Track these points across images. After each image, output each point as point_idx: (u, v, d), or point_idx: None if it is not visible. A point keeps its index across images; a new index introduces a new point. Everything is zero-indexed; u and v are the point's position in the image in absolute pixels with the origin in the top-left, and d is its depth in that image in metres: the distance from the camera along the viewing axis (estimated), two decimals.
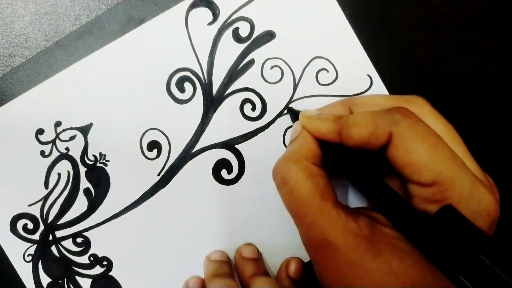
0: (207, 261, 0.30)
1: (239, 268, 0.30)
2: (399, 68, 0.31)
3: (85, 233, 0.31)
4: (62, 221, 0.31)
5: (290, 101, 0.31)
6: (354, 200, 0.30)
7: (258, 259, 0.30)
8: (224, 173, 0.31)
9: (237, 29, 0.31)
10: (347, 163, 0.24)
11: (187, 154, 0.31)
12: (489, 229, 0.21)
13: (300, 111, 0.27)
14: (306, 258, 0.31)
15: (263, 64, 0.31)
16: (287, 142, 0.31)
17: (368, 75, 0.31)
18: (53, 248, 0.31)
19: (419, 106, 0.23)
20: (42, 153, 0.31)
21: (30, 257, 0.31)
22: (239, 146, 0.31)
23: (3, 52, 0.31)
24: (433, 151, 0.20)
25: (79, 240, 0.31)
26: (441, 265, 0.19)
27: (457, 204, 0.20)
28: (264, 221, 0.31)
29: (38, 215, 0.31)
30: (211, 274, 0.29)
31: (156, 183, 0.31)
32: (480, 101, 0.32)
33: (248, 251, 0.30)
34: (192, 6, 0.31)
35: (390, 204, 0.22)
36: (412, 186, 0.21)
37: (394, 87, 0.31)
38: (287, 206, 0.23)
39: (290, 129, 0.28)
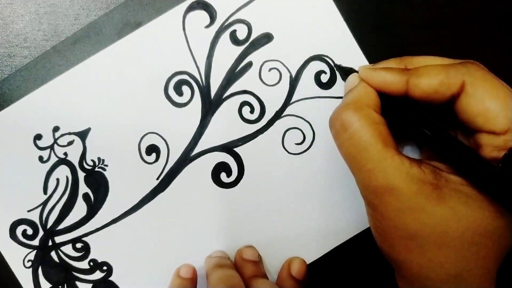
0: (208, 258, 0.30)
1: (239, 269, 0.30)
2: None
3: (84, 238, 0.31)
4: (61, 226, 0.31)
5: (288, 104, 0.31)
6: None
7: (258, 262, 0.30)
8: (223, 176, 0.31)
9: (234, 31, 0.31)
10: (410, 113, 0.23)
11: (186, 158, 0.31)
12: None
13: (350, 68, 0.28)
14: (306, 259, 0.31)
15: (261, 66, 0.31)
16: (286, 145, 0.31)
17: None
18: (53, 254, 0.31)
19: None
20: (41, 158, 0.31)
21: (30, 263, 0.31)
22: (238, 149, 0.31)
23: (2, 52, 0.31)
24: (507, 99, 0.21)
25: (78, 245, 0.31)
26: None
27: None
28: (263, 224, 0.31)
29: (37, 221, 0.31)
30: (214, 265, 0.29)
31: (155, 187, 0.31)
32: None
33: (249, 253, 0.30)
34: (189, 9, 0.30)
35: (457, 150, 0.21)
36: (483, 136, 0.22)
37: None
38: (345, 153, 0.23)
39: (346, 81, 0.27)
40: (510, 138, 0.20)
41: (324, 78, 0.31)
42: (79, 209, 0.31)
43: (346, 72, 0.28)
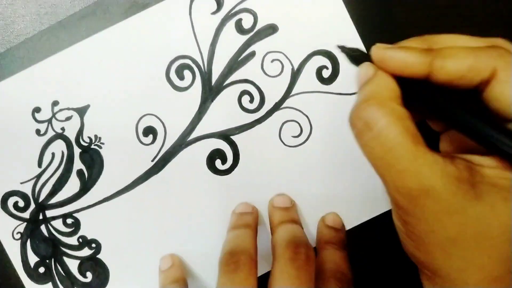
0: (231, 213, 0.31)
1: (269, 217, 0.30)
2: None
3: (75, 214, 0.31)
4: (53, 201, 0.31)
5: (288, 96, 0.31)
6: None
7: (289, 208, 0.30)
8: (218, 163, 0.31)
9: (240, 20, 0.31)
10: (437, 97, 0.21)
11: (182, 142, 0.31)
12: None
13: (357, 49, 0.24)
14: None
15: (264, 57, 0.31)
16: (283, 137, 0.31)
17: None
18: (43, 228, 0.31)
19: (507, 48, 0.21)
20: (38, 131, 0.31)
21: (19, 235, 0.31)
22: (234, 137, 0.31)
23: (4, 50, 0.31)
24: None
25: (69, 221, 0.31)
26: None
27: None
28: None
29: (29, 194, 0.31)
30: (229, 226, 0.29)
31: (149, 169, 0.31)
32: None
33: (278, 201, 0.30)
34: None
35: (493, 133, 0.19)
36: None
37: None
38: (371, 153, 0.21)
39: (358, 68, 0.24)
40: None
41: (326, 73, 0.31)
42: (72, 185, 0.31)
43: (353, 56, 0.24)
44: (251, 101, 0.31)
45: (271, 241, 0.27)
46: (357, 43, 0.30)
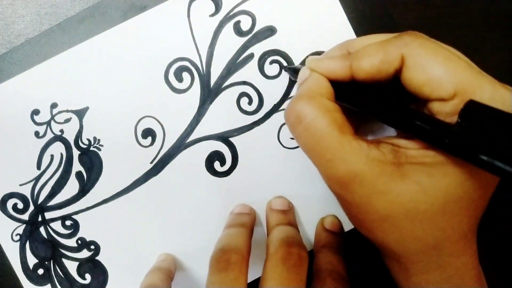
0: (229, 214, 0.31)
1: (266, 219, 0.30)
2: None
3: (74, 216, 0.31)
4: (52, 202, 0.31)
5: (286, 98, 0.31)
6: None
7: (286, 211, 0.30)
8: (217, 165, 0.31)
9: (238, 22, 0.31)
10: (361, 95, 0.23)
11: (181, 144, 0.31)
12: None
13: (299, 66, 0.27)
14: None
15: (262, 59, 0.31)
16: (281, 139, 0.31)
17: None
18: (42, 229, 0.31)
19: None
20: (37, 133, 0.31)
21: (18, 237, 0.31)
22: (233, 139, 0.31)
23: (3, 53, 0.31)
24: (448, 63, 0.20)
25: (68, 222, 0.31)
26: (479, 160, 0.18)
27: None
28: None
29: (28, 195, 0.31)
30: (225, 225, 0.29)
31: (148, 170, 0.31)
32: None
33: (276, 203, 0.30)
34: None
35: (413, 118, 0.21)
36: (433, 104, 0.21)
37: None
38: (303, 145, 0.23)
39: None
40: (459, 101, 0.20)
41: None
42: (71, 187, 0.31)
43: (295, 70, 0.27)
44: (250, 103, 0.31)
45: (265, 241, 0.27)
46: None
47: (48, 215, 0.31)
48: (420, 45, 0.21)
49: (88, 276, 0.31)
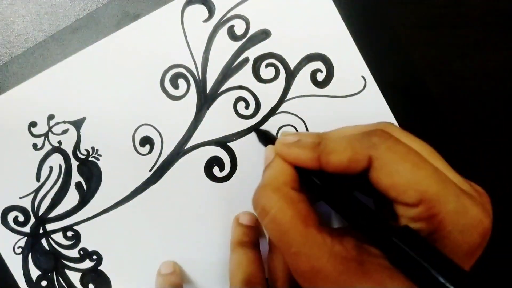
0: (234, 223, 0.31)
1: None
2: (394, 70, 0.31)
3: (75, 227, 0.31)
4: (53, 214, 0.31)
5: (283, 101, 0.31)
6: (338, 221, 0.30)
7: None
8: (216, 170, 0.31)
9: (232, 27, 0.31)
10: (321, 185, 0.24)
11: (180, 151, 0.31)
12: (479, 242, 0.21)
13: (270, 133, 0.28)
14: None
15: (257, 62, 0.31)
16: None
17: (362, 77, 0.31)
18: (43, 241, 0.31)
19: (390, 131, 0.23)
20: (35, 146, 0.31)
21: (20, 250, 0.31)
22: (231, 144, 0.31)
23: (3, 52, 0.31)
24: (416, 170, 0.20)
25: (69, 233, 0.31)
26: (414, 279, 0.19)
27: (444, 219, 0.20)
28: None
29: (29, 208, 0.31)
30: (234, 240, 0.30)
31: (147, 178, 0.31)
32: (479, 101, 0.32)
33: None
34: (188, 2, 0.31)
35: (363, 220, 0.21)
36: (398, 207, 0.21)
37: (388, 88, 0.31)
38: (270, 235, 0.23)
39: (265, 151, 0.27)
40: (424, 209, 0.20)
41: (320, 76, 0.31)
42: (71, 198, 0.31)
43: (264, 138, 0.29)
44: (247, 107, 0.31)
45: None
46: (350, 45, 0.30)
47: (49, 226, 0.31)
48: (388, 148, 0.21)
49: (91, 286, 0.31)
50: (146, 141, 0.31)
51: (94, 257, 0.31)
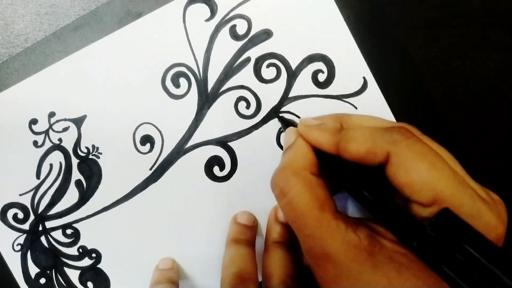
0: (232, 222, 0.31)
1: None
2: (395, 70, 0.31)
3: (75, 225, 0.31)
4: (52, 211, 0.31)
5: (284, 101, 0.31)
6: (354, 211, 0.30)
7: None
8: (216, 170, 0.31)
9: (234, 26, 0.31)
10: (343, 172, 0.24)
11: (180, 150, 0.31)
12: None
13: (291, 120, 0.28)
14: None
15: (259, 62, 0.31)
16: (280, 142, 0.31)
17: (363, 77, 0.31)
18: (43, 239, 0.31)
19: (413, 131, 0.23)
20: (35, 143, 0.31)
21: (19, 247, 0.31)
22: (232, 144, 0.31)
23: (3, 52, 0.31)
24: (433, 170, 0.20)
25: (68, 231, 0.31)
26: (441, 270, 0.19)
27: None
28: None
29: (28, 205, 0.31)
30: (230, 236, 0.30)
31: (148, 177, 0.31)
32: (479, 101, 0.32)
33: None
34: (190, 1, 0.31)
35: (387, 212, 0.21)
36: (412, 205, 0.21)
37: (389, 89, 0.31)
38: (286, 216, 0.23)
39: (284, 133, 0.28)
40: (437, 210, 0.20)
41: (322, 77, 0.31)
42: (71, 196, 0.31)
43: (287, 123, 0.29)
44: (248, 107, 0.31)
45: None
46: (351, 46, 0.30)
47: (49, 224, 0.31)
48: (407, 146, 0.21)
49: (90, 284, 0.31)
50: (147, 139, 0.31)
51: (93, 255, 0.31)
